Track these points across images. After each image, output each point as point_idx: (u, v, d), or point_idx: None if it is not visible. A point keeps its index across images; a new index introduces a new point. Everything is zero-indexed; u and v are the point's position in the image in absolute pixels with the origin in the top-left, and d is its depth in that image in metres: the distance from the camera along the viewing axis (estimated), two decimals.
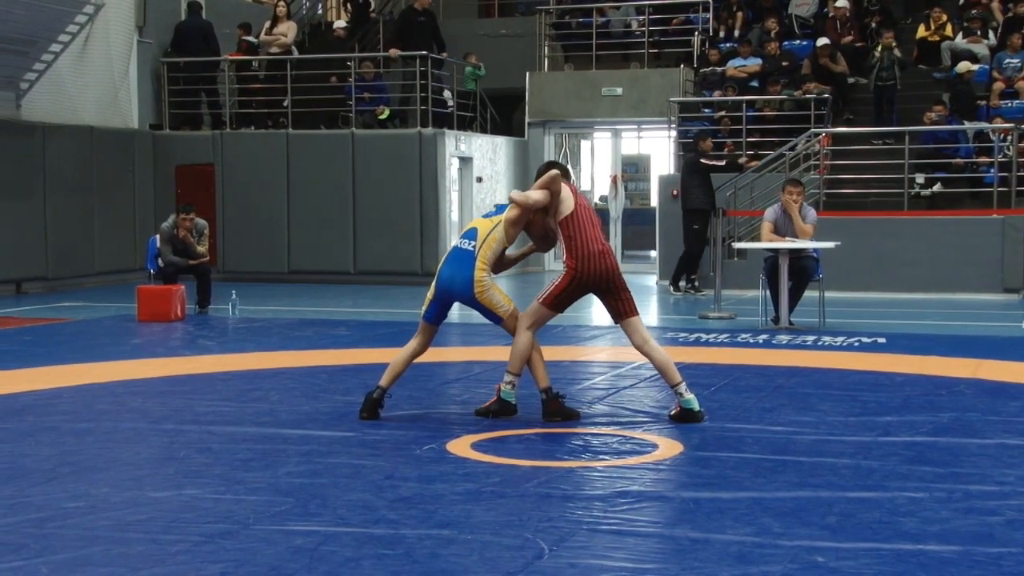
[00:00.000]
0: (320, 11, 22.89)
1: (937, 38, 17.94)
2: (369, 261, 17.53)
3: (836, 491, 5.27)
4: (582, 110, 19.64)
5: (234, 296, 13.01)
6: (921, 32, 18.11)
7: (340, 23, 20.05)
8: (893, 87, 16.98)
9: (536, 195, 6.96)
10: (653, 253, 18.60)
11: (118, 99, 17.74)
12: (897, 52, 17.02)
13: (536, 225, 7.09)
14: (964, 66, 16.54)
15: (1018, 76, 16.74)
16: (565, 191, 6.92)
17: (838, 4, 18.41)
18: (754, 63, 18.02)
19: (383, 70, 18.53)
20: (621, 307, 6.87)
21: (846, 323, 12.07)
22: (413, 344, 7.16)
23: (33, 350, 10.18)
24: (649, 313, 13.59)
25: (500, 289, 7.07)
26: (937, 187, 16.17)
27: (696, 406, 6.85)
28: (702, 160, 15.35)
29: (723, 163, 15.76)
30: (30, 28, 15.48)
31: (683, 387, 6.85)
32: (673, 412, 6.94)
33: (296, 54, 18.99)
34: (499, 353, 9.93)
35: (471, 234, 7.10)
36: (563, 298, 6.96)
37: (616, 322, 6.99)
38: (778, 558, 4.32)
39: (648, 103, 19.06)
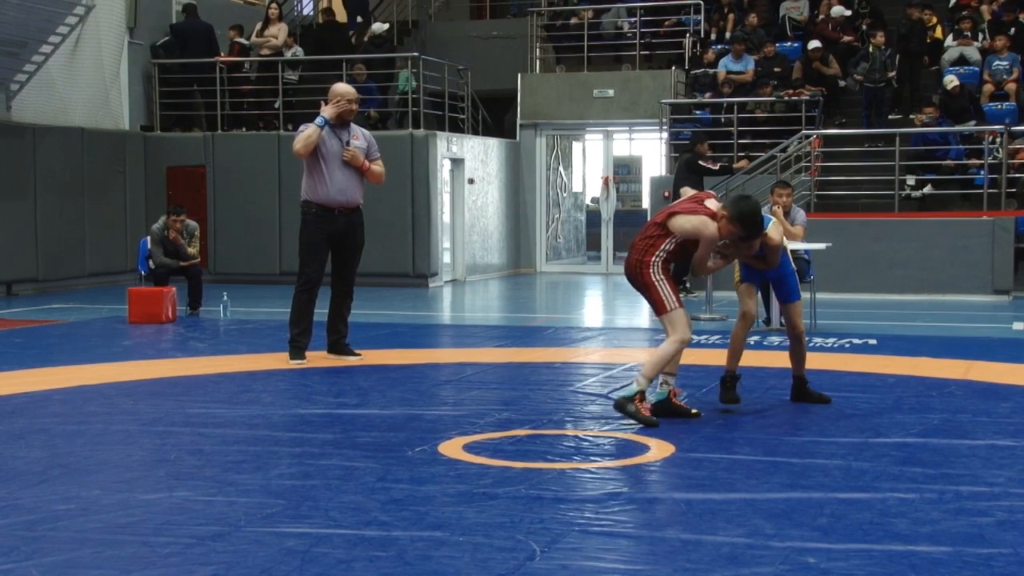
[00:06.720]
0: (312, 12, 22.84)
1: (928, 39, 17.96)
2: (361, 263, 17.45)
3: (827, 492, 5.28)
4: (574, 112, 19.66)
5: (225, 298, 12.98)
6: None
7: (381, 26, 19.37)
8: (884, 88, 17.02)
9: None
10: None
11: (109, 100, 17.71)
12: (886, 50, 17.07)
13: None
14: (950, 80, 16.55)
15: (1007, 78, 16.78)
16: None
17: (833, 12, 18.42)
18: (745, 66, 18.01)
19: (376, 71, 18.53)
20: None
21: (837, 324, 12.09)
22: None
23: (24, 352, 10.15)
24: (641, 315, 13.60)
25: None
26: (928, 189, 16.22)
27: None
28: (699, 162, 15.37)
29: (717, 167, 15.80)
30: (21, 29, 15.45)
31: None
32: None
33: (300, 53, 18.93)
34: (491, 355, 9.94)
35: None
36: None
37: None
38: (769, 559, 4.32)
39: (640, 105, 19.09)
